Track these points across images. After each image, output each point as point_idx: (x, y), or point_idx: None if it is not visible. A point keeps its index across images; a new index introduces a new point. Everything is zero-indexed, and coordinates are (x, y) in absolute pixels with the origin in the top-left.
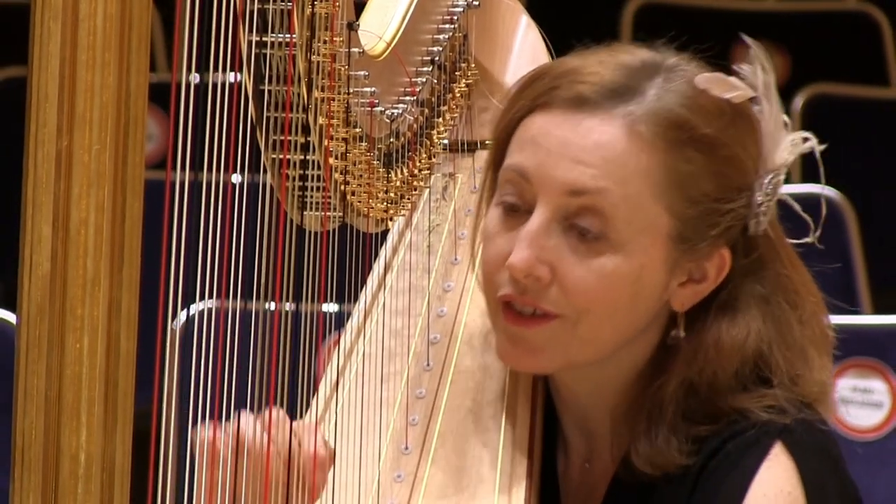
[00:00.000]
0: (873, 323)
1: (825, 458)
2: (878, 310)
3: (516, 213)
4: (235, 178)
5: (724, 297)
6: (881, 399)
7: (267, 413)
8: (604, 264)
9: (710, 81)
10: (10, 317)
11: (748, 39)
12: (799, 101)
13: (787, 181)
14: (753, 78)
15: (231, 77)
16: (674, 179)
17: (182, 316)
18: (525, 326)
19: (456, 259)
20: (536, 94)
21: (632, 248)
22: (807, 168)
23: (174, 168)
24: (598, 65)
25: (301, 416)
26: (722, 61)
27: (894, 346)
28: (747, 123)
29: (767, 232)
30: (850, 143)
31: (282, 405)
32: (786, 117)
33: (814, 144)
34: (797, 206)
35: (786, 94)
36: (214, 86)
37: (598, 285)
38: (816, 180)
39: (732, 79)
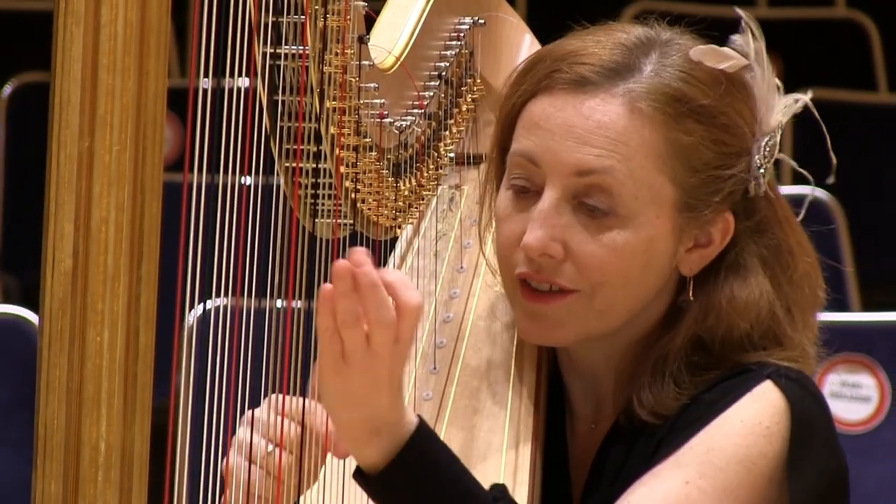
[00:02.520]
0: (862, 320)
1: (817, 402)
2: (867, 307)
3: (526, 194)
4: (248, 180)
5: (731, 259)
6: (869, 394)
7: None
8: (614, 238)
9: (704, 53)
10: (28, 314)
11: (739, 10)
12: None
13: (778, 182)
14: (745, 46)
15: (245, 83)
16: (676, 151)
17: (198, 311)
18: (543, 303)
19: (462, 267)
20: (538, 79)
21: (640, 220)
22: (797, 170)
23: (191, 170)
24: (596, 45)
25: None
26: (714, 33)
27: (882, 342)
28: (742, 90)
29: (767, 193)
30: (840, 146)
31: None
32: (777, 81)
33: (806, 102)
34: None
35: None
36: (230, 91)
37: (610, 259)
38: (807, 182)
39: (725, 49)
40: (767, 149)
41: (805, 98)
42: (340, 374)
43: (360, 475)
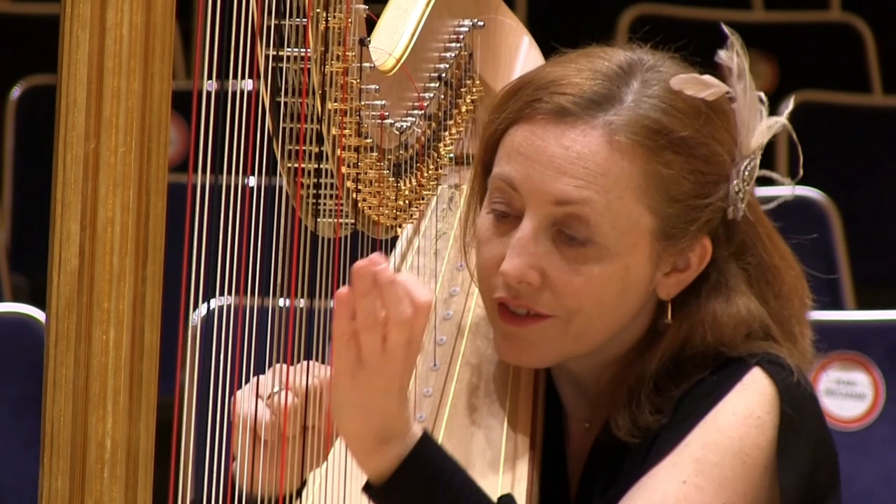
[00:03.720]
0: (856, 318)
1: (805, 388)
2: (861, 305)
3: (506, 218)
4: (251, 181)
5: (713, 281)
6: (864, 391)
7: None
8: (591, 268)
9: (685, 82)
10: (36, 312)
11: (726, 28)
12: (786, 108)
13: (774, 183)
14: (729, 62)
15: (248, 85)
16: (654, 182)
17: (202, 310)
18: (519, 325)
19: (461, 265)
20: (520, 106)
21: (617, 249)
22: (793, 170)
23: (195, 171)
24: (577, 74)
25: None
26: (697, 58)
27: (876, 340)
28: (722, 117)
29: (746, 215)
30: (835, 148)
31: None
32: (762, 95)
33: (784, 124)
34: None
35: (773, 100)
36: (233, 93)
37: (586, 288)
38: (802, 182)
39: (706, 77)
40: (747, 172)
41: (783, 120)
42: (356, 380)
43: (368, 487)
